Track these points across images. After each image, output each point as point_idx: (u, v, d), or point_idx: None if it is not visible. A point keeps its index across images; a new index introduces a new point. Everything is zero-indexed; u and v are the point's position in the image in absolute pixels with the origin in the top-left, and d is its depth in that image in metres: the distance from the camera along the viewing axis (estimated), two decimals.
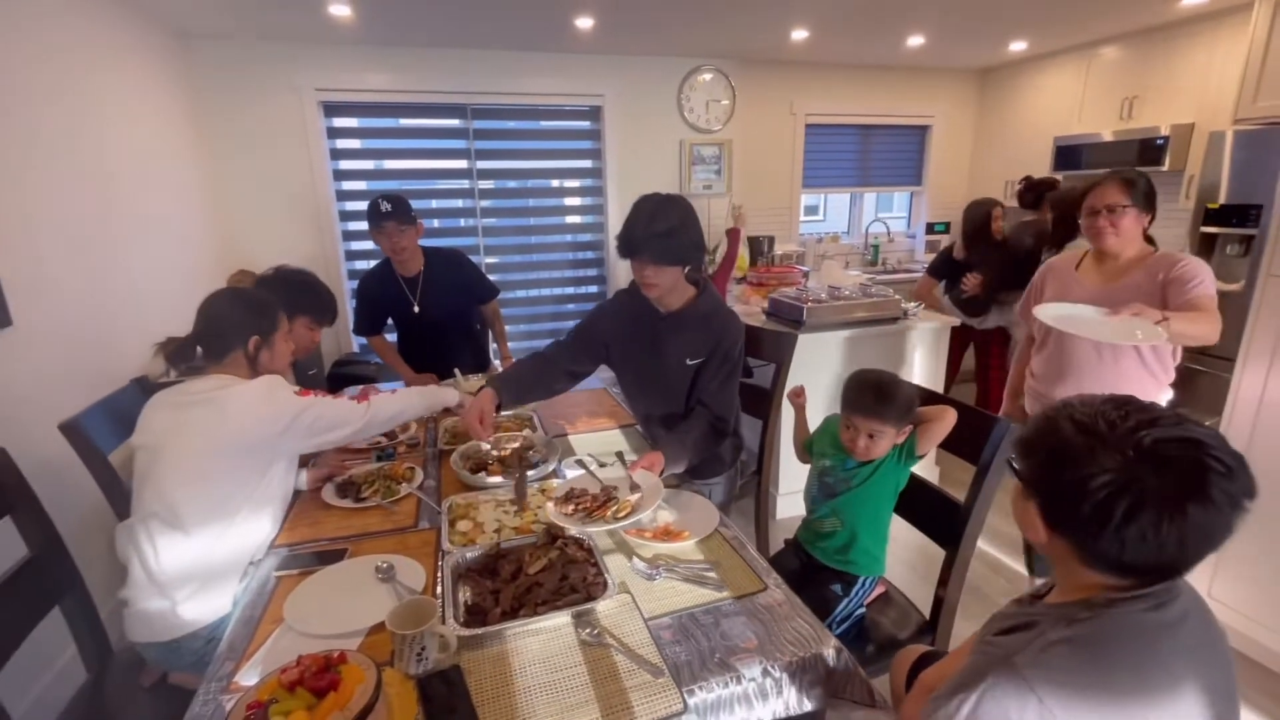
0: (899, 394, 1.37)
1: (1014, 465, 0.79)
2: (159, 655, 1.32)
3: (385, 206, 2.25)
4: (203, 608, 1.30)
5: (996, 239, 3.18)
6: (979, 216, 3.19)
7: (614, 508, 1.32)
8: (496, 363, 2.79)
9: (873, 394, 1.37)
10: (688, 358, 1.65)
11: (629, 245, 1.53)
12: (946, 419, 1.39)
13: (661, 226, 1.51)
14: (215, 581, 1.31)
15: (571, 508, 1.33)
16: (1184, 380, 2.93)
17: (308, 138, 3.58)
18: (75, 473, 1.47)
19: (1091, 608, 0.70)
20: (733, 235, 3.61)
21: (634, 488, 1.39)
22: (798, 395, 1.68)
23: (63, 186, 2.13)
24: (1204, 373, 2.85)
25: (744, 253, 3.49)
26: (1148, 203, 1.78)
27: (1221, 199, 2.87)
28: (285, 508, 1.48)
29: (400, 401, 1.54)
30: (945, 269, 3.38)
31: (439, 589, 1.15)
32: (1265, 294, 1.78)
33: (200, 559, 1.29)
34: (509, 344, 2.84)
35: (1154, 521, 0.63)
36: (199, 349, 1.40)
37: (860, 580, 1.47)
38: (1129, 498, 0.64)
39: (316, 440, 1.41)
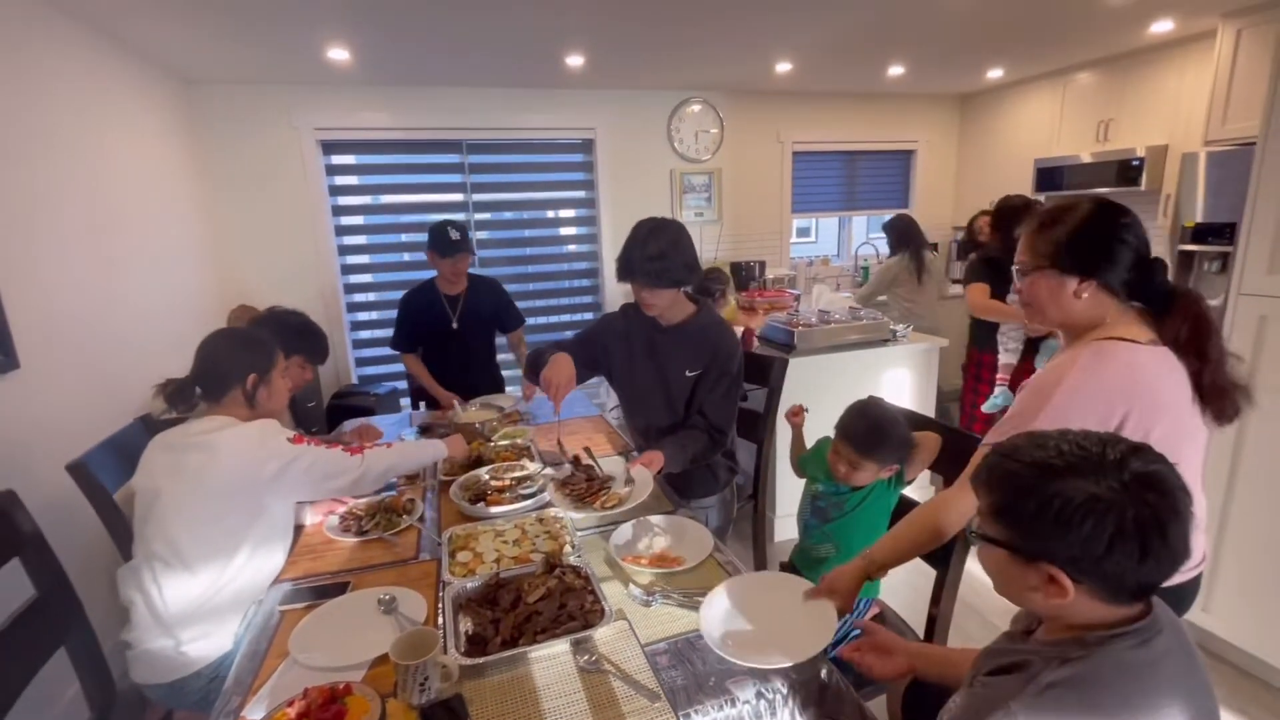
0: (891, 437, 1.40)
1: (993, 536, 0.74)
2: (163, 695, 1.34)
3: (455, 235, 2.50)
4: (206, 646, 1.32)
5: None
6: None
7: (604, 497, 1.41)
8: (511, 390, 2.86)
9: (866, 428, 1.40)
10: (687, 369, 1.75)
11: (626, 269, 1.66)
12: (930, 446, 1.42)
13: (654, 250, 1.62)
14: (219, 619, 1.34)
15: (567, 490, 1.47)
16: None
17: (307, 175, 3.67)
18: (81, 512, 1.50)
19: (1085, 646, 0.71)
20: (747, 337, 3.55)
21: (629, 481, 1.46)
22: (795, 414, 1.72)
23: (68, 229, 2.19)
24: None
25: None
26: (1077, 259, 1.08)
27: (1198, 217, 2.95)
28: (289, 545, 1.50)
29: (394, 456, 1.56)
30: (987, 268, 2.86)
31: (440, 619, 1.17)
32: (1237, 311, 1.83)
33: (204, 597, 1.31)
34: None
35: (1179, 537, 0.66)
36: (198, 389, 1.44)
37: (856, 602, 1.49)
38: (1154, 525, 0.66)
39: (314, 489, 1.45)
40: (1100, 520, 0.66)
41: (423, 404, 2.94)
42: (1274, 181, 1.73)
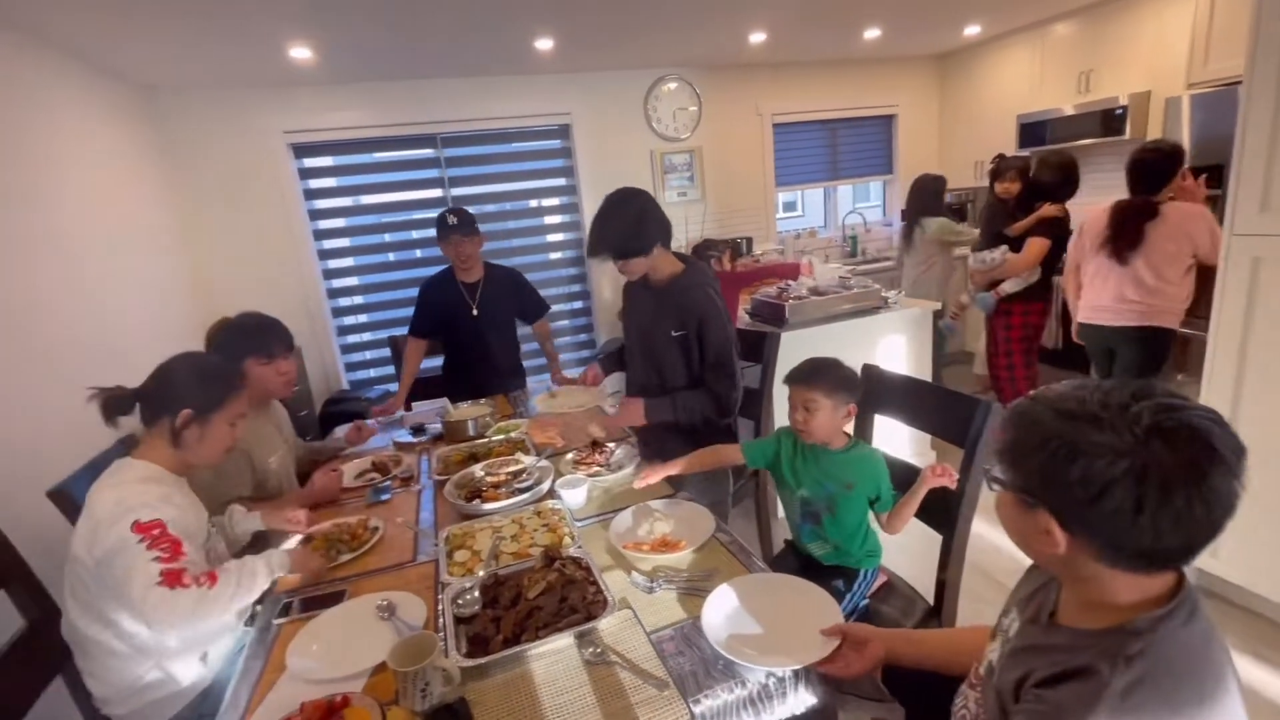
0: (832, 369, 1.42)
1: (1001, 478, 0.72)
2: None
3: (452, 220, 2.49)
4: (184, 674, 1.29)
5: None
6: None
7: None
8: (543, 382, 2.80)
9: (808, 367, 1.43)
10: (671, 329, 1.77)
11: (589, 247, 1.74)
12: (911, 507, 1.39)
13: (615, 227, 1.69)
14: (186, 653, 1.30)
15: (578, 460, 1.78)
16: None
17: (280, 181, 3.60)
18: (67, 539, 1.46)
19: (1140, 636, 0.65)
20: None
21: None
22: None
23: (33, 250, 2.13)
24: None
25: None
26: None
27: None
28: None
29: (223, 602, 1.20)
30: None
31: (440, 621, 1.15)
32: (1231, 253, 1.81)
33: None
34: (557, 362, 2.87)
35: (1186, 499, 0.60)
36: (137, 404, 1.32)
37: (861, 573, 1.47)
38: (1156, 479, 0.60)
39: (117, 609, 1.21)
40: (1091, 465, 0.62)
41: (416, 405, 2.91)
42: (1261, 118, 1.69)
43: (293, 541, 1.47)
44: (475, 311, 2.59)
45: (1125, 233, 2.46)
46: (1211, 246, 2.24)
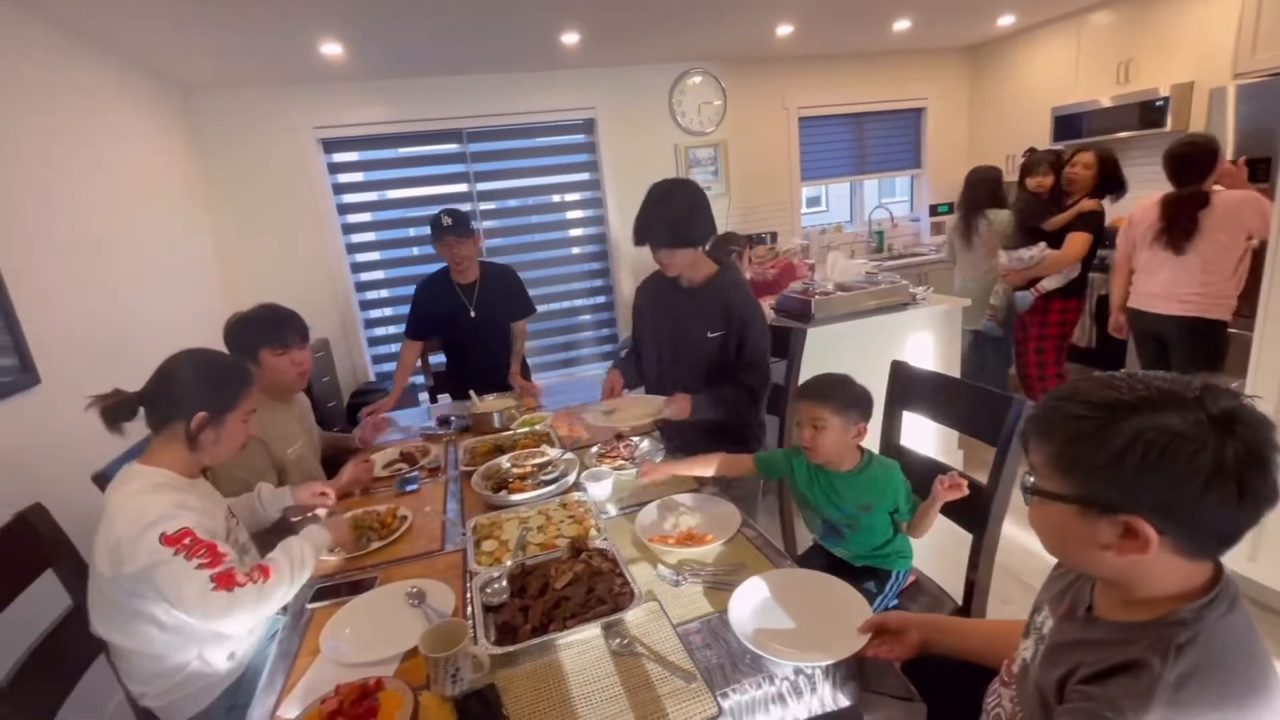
0: (844, 387, 1.38)
1: (1050, 490, 0.67)
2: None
3: (446, 220, 2.43)
4: (218, 663, 1.31)
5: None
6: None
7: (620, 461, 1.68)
8: (545, 379, 2.78)
9: (816, 383, 1.40)
10: (708, 331, 1.75)
11: (638, 233, 1.67)
12: (931, 516, 1.36)
13: (668, 214, 1.63)
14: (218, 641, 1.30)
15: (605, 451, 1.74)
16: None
17: (310, 176, 3.66)
18: None
19: (1186, 626, 0.62)
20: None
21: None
22: None
23: (77, 243, 2.20)
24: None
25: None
26: None
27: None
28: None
29: (283, 585, 1.19)
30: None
31: (469, 609, 1.16)
32: (1279, 250, 1.74)
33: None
34: (521, 362, 2.85)
35: (1276, 477, 0.59)
36: (141, 409, 1.25)
37: (893, 574, 1.45)
38: (1252, 461, 0.58)
39: (157, 603, 1.18)
40: (1194, 457, 0.58)
41: (440, 397, 2.94)
42: None
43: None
44: (473, 313, 2.57)
45: (1179, 223, 2.44)
46: (1266, 225, 2.14)
